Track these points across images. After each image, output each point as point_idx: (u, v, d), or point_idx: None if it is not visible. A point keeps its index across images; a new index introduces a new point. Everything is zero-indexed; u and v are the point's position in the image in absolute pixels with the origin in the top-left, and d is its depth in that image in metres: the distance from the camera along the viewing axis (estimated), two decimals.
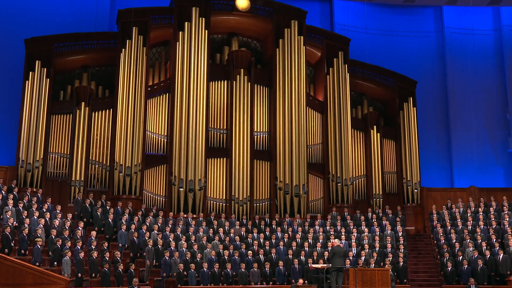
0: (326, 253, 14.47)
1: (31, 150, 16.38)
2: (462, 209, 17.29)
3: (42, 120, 16.70)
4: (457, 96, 21.67)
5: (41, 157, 16.52)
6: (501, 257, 14.35)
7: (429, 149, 21.06)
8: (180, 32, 17.92)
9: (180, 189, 16.85)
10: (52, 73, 17.25)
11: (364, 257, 14.67)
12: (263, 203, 18.02)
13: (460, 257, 14.72)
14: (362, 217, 17.17)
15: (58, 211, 14.51)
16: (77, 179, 16.55)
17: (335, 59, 19.43)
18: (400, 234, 16.24)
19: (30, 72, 16.87)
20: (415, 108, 20.01)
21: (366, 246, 15.16)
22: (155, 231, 14.73)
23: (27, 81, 16.82)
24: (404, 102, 20.03)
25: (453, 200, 18.35)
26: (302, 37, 18.96)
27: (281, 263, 14.34)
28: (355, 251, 15.04)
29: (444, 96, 21.90)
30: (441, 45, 22.30)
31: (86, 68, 18.17)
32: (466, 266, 14.32)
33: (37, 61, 16.92)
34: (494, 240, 15.17)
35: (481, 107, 21.59)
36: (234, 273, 13.98)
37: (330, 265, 11.95)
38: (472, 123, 21.11)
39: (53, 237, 13.18)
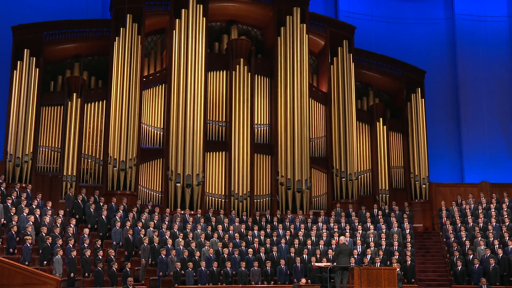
0: (330, 251, 14.40)
1: (20, 143, 16.29)
2: (473, 205, 17.22)
3: (32, 112, 16.60)
4: (468, 87, 21.53)
5: (31, 151, 16.44)
6: None
7: (438, 142, 20.99)
8: (177, 20, 17.76)
9: (177, 184, 16.77)
10: (42, 62, 17.13)
11: (369, 255, 14.62)
12: (264, 199, 17.95)
13: (471, 256, 14.62)
14: (368, 214, 17.14)
15: (48, 208, 14.43)
16: (69, 174, 16.47)
17: (339, 48, 19.31)
18: (408, 231, 16.18)
19: (18, 62, 16.75)
20: (423, 99, 19.92)
21: (372, 244, 15.11)
22: (151, 228, 14.66)
23: (15, 71, 16.71)
24: (412, 93, 19.96)
25: (463, 196, 18.25)
26: (304, 25, 18.81)
27: (282, 261, 14.26)
28: (360, 249, 14.99)
29: (454, 87, 21.77)
30: (452, 33, 22.14)
31: (78, 57, 18.06)
32: (477, 266, 14.21)
33: (25, 50, 16.80)
34: (507, 238, 15.02)
35: (494, 98, 21.45)
36: (233, 272, 13.92)
37: (335, 263, 11.85)
38: (484, 115, 21.05)
39: (44, 235, 13.08)
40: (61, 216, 14.30)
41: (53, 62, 17.97)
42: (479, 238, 15.09)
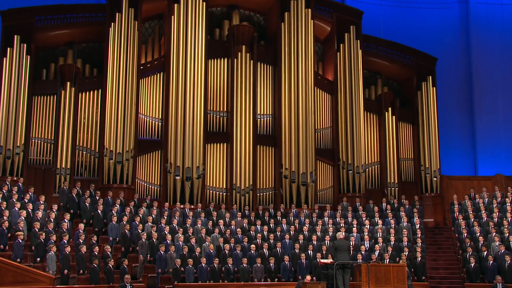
0: None
1: (11, 135, 16.23)
2: (487, 199, 17.20)
3: (23, 102, 16.53)
4: (482, 75, 21.46)
5: (22, 142, 16.39)
6: None
7: (450, 133, 20.97)
8: (175, 5, 17.67)
9: (176, 177, 16.71)
10: (33, 49, 17.06)
11: (378, 251, 14.61)
12: (267, 193, 17.93)
13: (485, 252, 14.57)
14: (376, 208, 17.16)
15: (41, 202, 14.41)
16: (63, 166, 16.45)
17: (346, 34, 19.23)
18: (418, 226, 16.18)
19: (8, 48, 16.66)
20: (435, 88, 19.86)
21: (380, 240, 15.10)
22: (149, 223, 14.66)
23: (4, 58, 16.61)
24: (422, 81, 19.88)
25: (476, 189, 18.22)
26: (310, 9, 18.72)
27: (286, 258, 14.26)
28: (368, 244, 14.97)
29: (468, 75, 21.70)
30: (465, 17, 22.05)
31: (72, 44, 17.97)
32: (491, 262, 14.14)
33: (15, 36, 16.71)
34: None
35: (509, 86, 21.36)
36: (235, 268, 13.92)
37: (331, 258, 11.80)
38: (499, 104, 21.05)
39: (36, 230, 13.05)
40: (54, 210, 14.27)
41: (45, 49, 17.89)
42: (494, 234, 15.02)
